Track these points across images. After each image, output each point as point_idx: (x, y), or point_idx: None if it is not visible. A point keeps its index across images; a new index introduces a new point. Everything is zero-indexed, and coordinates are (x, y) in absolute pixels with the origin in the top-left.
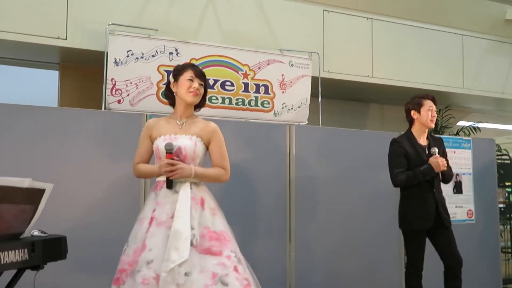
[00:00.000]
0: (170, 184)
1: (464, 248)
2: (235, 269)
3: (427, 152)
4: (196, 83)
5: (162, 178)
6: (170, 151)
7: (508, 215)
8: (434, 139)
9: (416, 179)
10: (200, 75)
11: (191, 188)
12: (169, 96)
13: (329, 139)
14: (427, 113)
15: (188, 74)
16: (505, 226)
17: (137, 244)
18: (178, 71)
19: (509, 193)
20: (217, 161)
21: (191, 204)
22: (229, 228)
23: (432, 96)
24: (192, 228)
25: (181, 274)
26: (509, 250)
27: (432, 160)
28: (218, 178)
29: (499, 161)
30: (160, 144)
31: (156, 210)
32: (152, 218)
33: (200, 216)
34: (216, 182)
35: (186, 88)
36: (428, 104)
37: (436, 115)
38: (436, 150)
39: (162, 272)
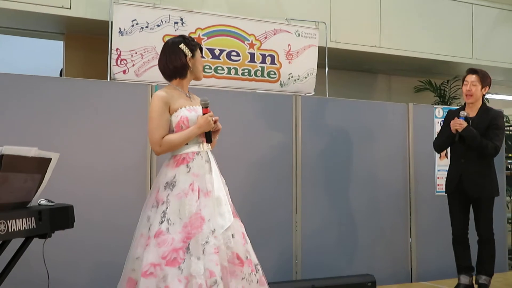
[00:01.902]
0: (210, 138)
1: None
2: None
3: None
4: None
5: (191, 149)
6: (206, 106)
7: None
8: (485, 112)
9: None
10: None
11: None
12: (183, 68)
13: (336, 110)
14: (463, 88)
15: (200, 51)
16: (511, 197)
17: (184, 219)
18: (193, 46)
19: None
20: None
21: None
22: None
23: (471, 69)
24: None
25: (230, 237)
26: None
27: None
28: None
29: (507, 132)
30: (187, 114)
31: (196, 182)
32: (198, 190)
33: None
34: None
35: (202, 64)
36: (466, 78)
37: (472, 89)
38: (465, 113)
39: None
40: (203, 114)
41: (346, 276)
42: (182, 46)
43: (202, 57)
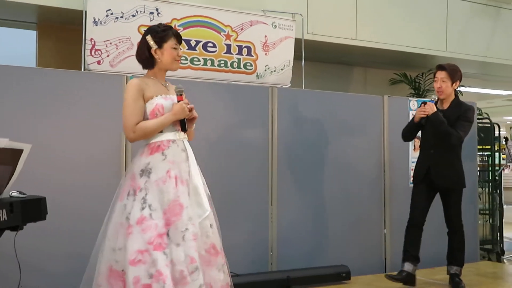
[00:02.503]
0: (185, 126)
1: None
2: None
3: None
4: (180, 51)
5: (166, 137)
6: (181, 93)
7: (486, 178)
8: (457, 105)
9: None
10: (180, 40)
11: None
12: (148, 61)
13: (312, 101)
14: (434, 84)
15: (173, 42)
16: (483, 189)
17: (164, 206)
18: (161, 38)
19: (488, 156)
20: None
21: None
22: None
23: (440, 65)
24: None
25: (208, 227)
26: (487, 212)
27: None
28: (193, 135)
29: (480, 124)
30: (162, 102)
31: (173, 170)
32: (175, 178)
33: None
34: (189, 139)
35: (172, 57)
36: (436, 75)
37: (442, 86)
38: (436, 98)
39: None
40: (178, 101)
41: (321, 267)
42: (148, 37)
43: (179, 44)
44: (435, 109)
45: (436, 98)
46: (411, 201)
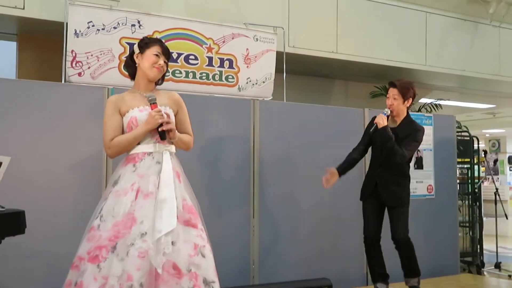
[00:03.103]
0: (164, 136)
1: (424, 222)
2: (208, 242)
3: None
4: (161, 60)
5: (142, 150)
6: (154, 102)
7: (466, 191)
8: (407, 125)
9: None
10: (166, 52)
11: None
12: (130, 66)
13: (293, 114)
14: (386, 101)
15: (155, 49)
16: (463, 201)
17: (117, 217)
18: (145, 44)
19: (467, 169)
20: (187, 129)
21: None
22: (196, 203)
23: (391, 82)
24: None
25: (169, 243)
26: (467, 225)
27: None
28: (189, 144)
29: (459, 137)
30: (136, 114)
31: (138, 182)
32: (137, 191)
33: (178, 188)
34: (184, 148)
35: (151, 62)
36: (388, 91)
37: (393, 103)
38: (388, 111)
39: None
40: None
41: (303, 280)
42: (135, 45)
43: (162, 54)
44: (386, 123)
45: (389, 112)
46: (363, 218)
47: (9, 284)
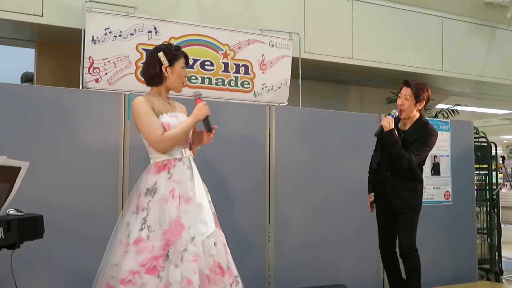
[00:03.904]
0: (210, 127)
1: (441, 229)
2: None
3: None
4: (187, 73)
5: (173, 156)
6: (199, 96)
7: (484, 197)
8: (419, 127)
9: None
10: (188, 62)
11: None
12: (157, 77)
13: (309, 120)
14: (397, 101)
15: (182, 61)
16: (481, 208)
17: (164, 226)
18: (174, 56)
19: (485, 175)
20: None
21: None
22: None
23: (406, 81)
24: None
25: (212, 245)
26: (485, 231)
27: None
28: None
29: (477, 143)
30: (168, 120)
31: (177, 189)
32: (179, 197)
33: (205, 191)
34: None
35: (181, 77)
36: (401, 91)
37: (404, 103)
38: (396, 112)
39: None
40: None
41: (319, 286)
42: (160, 54)
43: (187, 66)
44: (392, 126)
45: (396, 113)
46: (378, 227)
47: (27, 286)
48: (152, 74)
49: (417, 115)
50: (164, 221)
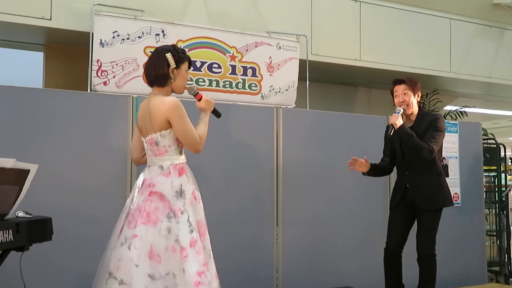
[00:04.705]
0: (219, 113)
1: (450, 231)
2: None
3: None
4: (188, 76)
5: (184, 159)
6: (197, 93)
7: (493, 199)
8: (423, 117)
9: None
10: (190, 67)
11: None
12: (163, 77)
13: (316, 122)
14: (395, 100)
15: (186, 64)
16: (490, 210)
17: (194, 224)
18: (181, 58)
19: (494, 177)
20: None
21: None
22: None
23: (397, 79)
24: None
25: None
26: (494, 234)
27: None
28: None
29: (485, 145)
30: None
31: (196, 191)
32: (198, 199)
33: None
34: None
35: (185, 80)
36: (395, 89)
37: (406, 98)
38: (401, 109)
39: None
40: (199, 100)
41: None
42: (168, 55)
43: (189, 69)
44: (402, 122)
45: (401, 110)
46: (388, 227)
47: (36, 284)
48: (158, 74)
49: (417, 108)
50: (194, 222)
